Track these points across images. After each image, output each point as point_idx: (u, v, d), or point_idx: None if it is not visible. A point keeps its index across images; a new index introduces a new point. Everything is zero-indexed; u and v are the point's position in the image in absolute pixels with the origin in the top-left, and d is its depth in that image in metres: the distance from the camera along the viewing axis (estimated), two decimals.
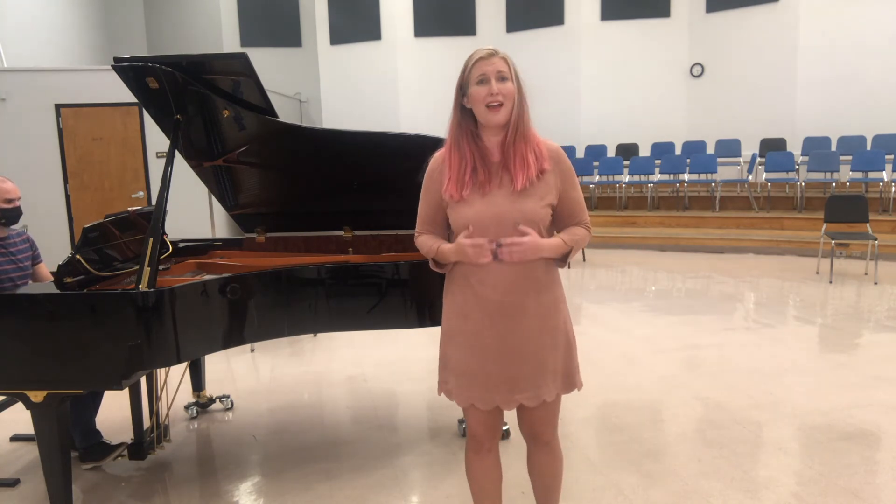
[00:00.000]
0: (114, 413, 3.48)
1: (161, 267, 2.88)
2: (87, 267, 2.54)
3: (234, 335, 2.60)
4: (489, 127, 1.86)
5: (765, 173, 9.25)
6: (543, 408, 1.96)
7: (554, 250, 1.87)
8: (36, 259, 3.15)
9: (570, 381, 1.99)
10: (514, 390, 1.90)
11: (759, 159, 9.41)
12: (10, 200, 2.87)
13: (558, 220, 1.95)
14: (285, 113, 10.75)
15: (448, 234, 1.98)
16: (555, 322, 1.93)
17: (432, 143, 2.71)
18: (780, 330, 4.92)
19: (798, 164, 9.16)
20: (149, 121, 7.77)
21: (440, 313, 2.01)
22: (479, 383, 1.91)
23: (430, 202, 1.96)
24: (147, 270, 2.36)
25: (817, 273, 6.90)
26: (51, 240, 6.84)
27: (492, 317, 1.88)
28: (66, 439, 2.41)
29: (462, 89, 1.86)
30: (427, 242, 1.97)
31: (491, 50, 1.84)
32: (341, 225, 3.40)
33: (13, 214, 2.91)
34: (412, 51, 11.80)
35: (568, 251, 1.90)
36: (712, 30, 10.49)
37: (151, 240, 2.41)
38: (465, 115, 1.88)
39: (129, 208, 3.01)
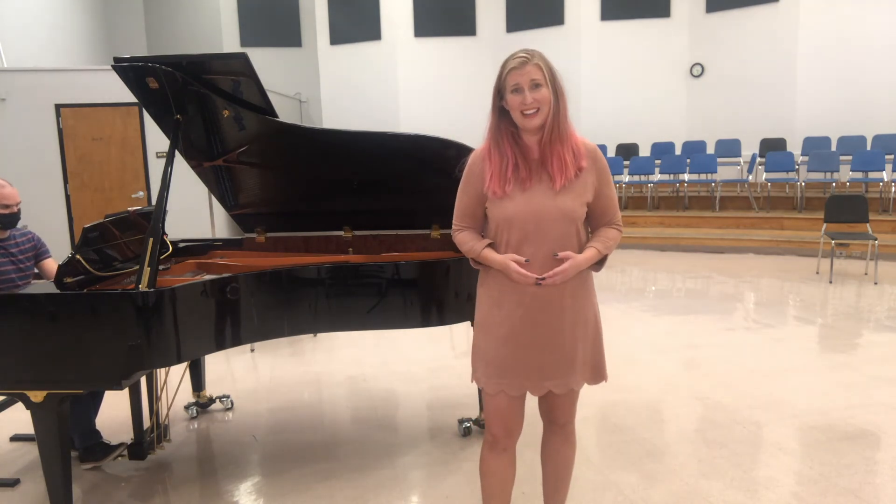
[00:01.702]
0: (114, 413, 3.48)
1: (161, 267, 2.88)
2: (87, 267, 2.54)
3: (235, 335, 2.60)
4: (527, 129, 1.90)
5: (765, 173, 9.25)
6: (567, 395, 2.03)
7: (591, 262, 1.94)
8: (42, 255, 3.16)
9: (598, 372, 2.07)
10: (545, 377, 1.97)
11: (759, 159, 9.40)
12: (7, 206, 2.88)
13: (592, 218, 2.00)
14: (285, 113, 10.74)
15: (485, 226, 2.02)
16: (585, 315, 1.99)
17: (433, 144, 2.73)
18: (780, 330, 4.92)
19: (798, 164, 9.16)
20: (149, 121, 7.76)
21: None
22: (510, 370, 1.96)
23: (472, 196, 1.99)
24: (147, 270, 2.36)
25: (817, 273, 6.90)
26: (51, 240, 6.77)
27: (526, 308, 1.93)
28: (66, 439, 2.40)
29: (499, 92, 1.90)
30: (468, 241, 1.99)
31: (524, 57, 1.85)
32: (341, 225, 3.40)
33: (9, 220, 2.93)
34: (412, 51, 11.80)
35: (603, 257, 1.96)
36: (712, 30, 10.48)
37: (151, 240, 2.41)
38: (503, 116, 1.92)
39: (129, 208, 3.01)
